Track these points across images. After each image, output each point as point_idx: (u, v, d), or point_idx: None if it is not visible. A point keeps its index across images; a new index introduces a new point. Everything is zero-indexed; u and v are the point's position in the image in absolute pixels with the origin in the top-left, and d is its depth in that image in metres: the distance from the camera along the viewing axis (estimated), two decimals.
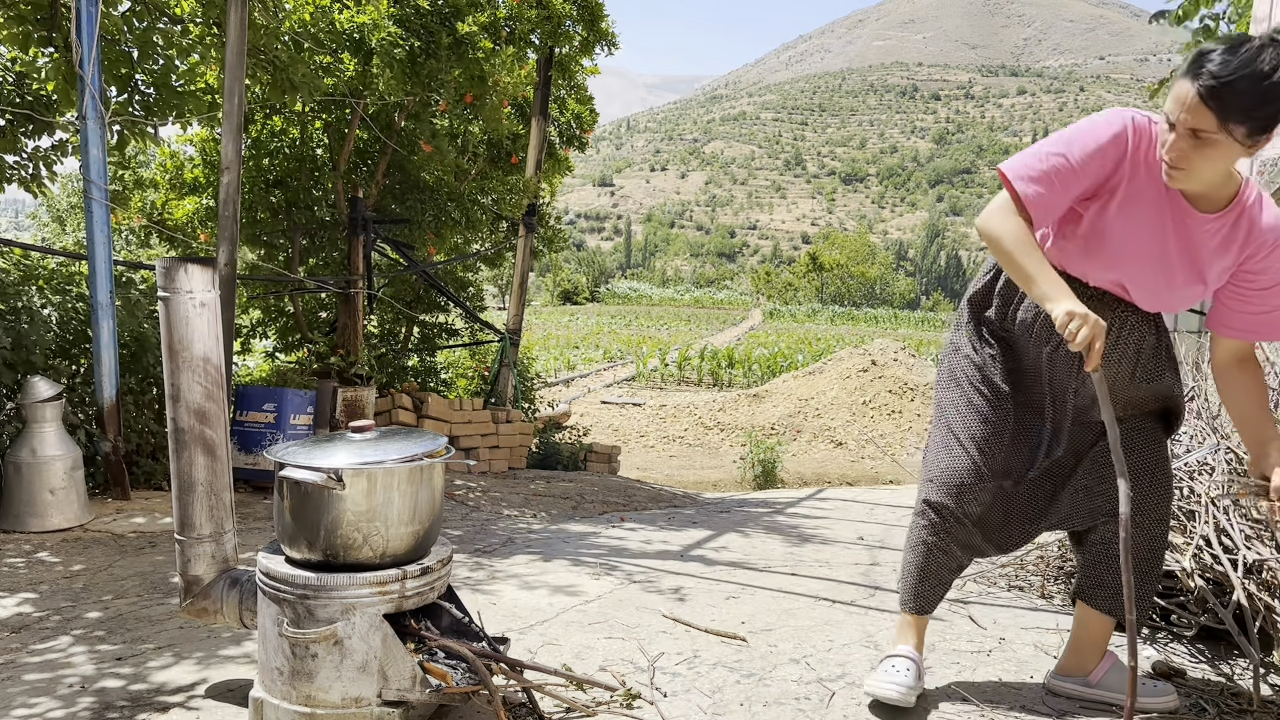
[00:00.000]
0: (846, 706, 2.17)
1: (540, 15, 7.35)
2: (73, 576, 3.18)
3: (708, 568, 3.41)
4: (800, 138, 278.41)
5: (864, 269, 79.95)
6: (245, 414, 5.35)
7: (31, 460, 3.82)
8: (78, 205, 16.50)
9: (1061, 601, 2.99)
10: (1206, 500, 2.64)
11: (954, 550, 2.18)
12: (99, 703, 2.11)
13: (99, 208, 4.31)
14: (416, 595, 1.95)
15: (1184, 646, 2.60)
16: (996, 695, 2.25)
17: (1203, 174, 1.81)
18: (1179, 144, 1.77)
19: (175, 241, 6.86)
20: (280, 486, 1.94)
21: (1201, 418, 3.20)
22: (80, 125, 4.28)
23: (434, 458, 1.99)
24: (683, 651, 2.49)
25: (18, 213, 32.21)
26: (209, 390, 2.05)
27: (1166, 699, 2.13)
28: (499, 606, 2.85)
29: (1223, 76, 1.68)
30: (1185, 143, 1.76)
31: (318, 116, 6.79)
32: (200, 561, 2.11)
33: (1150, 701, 2.11)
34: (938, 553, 2.17)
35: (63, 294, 4.77)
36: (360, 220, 6.75)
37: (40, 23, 4.60)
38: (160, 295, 2.02)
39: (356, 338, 6.96)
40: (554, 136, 9.09)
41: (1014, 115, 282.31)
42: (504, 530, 4.32)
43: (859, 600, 3.02)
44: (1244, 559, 2.41)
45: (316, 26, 5.71)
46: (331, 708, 1.88)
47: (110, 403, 4.39)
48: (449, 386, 9.52)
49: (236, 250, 4.55)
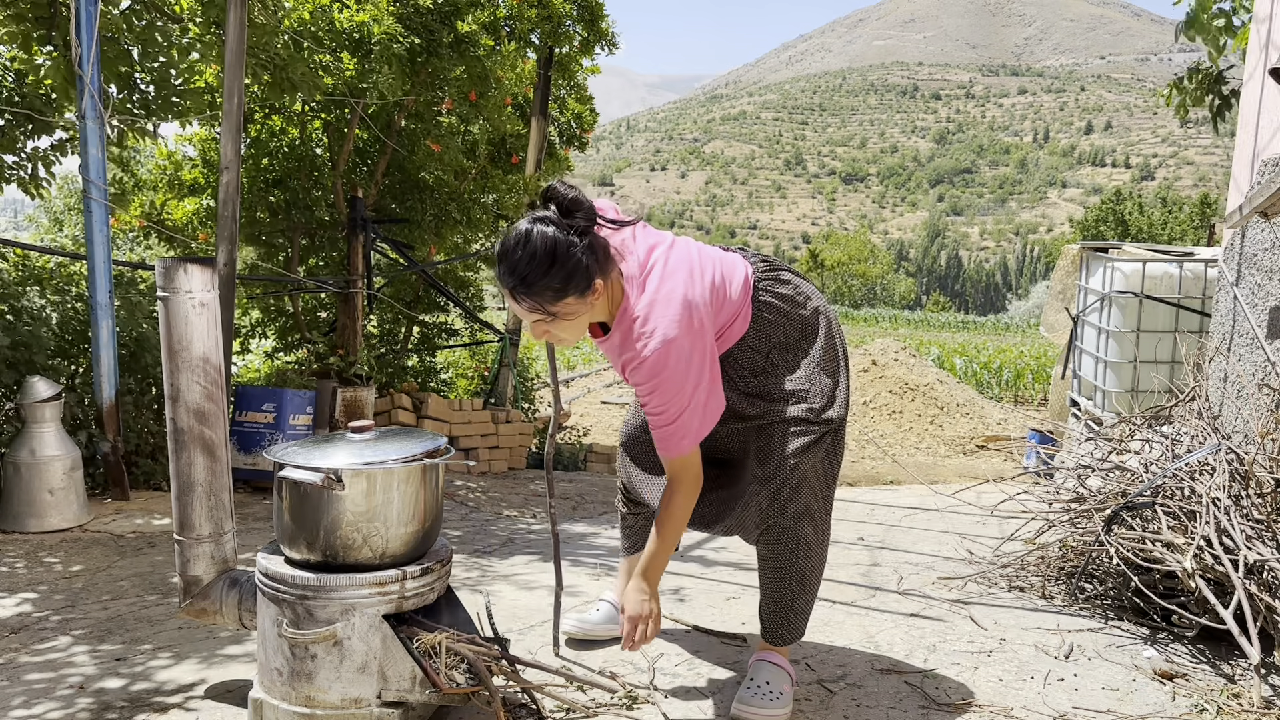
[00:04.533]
0: (847, 707, 2.16)
1: (540, 15, 7.35)
2: (72, 577, 3.17)
3: (707, 568, 3.41)
4: (800, 137, 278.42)
5: (864, 269, 79.94)
6: (245, 414, 5.35)
7: (31, 460, 3.82)
8: (74, 207, 16.48)
9: (1062, 602, 2.99)
10: (1207, 500, 2.63)
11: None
12: (98, 703, 2.11)
13: (98, 208, 4.31)
14: (416, 596, 1.95)
15: (1184, 647, 2.60)
16: (997, 695, 2.25)
17: (567, 336, 1.93)
18: (536, 329, 1.93)
19: (175, 241, 6.86)
20: (279, 487, 1.94)
21: (1202, 418, 3.20)
22: (80, 125, 4.28)
23: (434, 458, 1.98)
24: (683, 651, 2.48)
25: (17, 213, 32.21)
26: (208, 390, 2.05)
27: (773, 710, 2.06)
28: (499, 607, 2.85)
29: (515, 275, 1.82)
30: (543, 326, 1.91)
31: (317, 116, 6.79)
32: (199, 562, 2.11)
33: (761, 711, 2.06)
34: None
35: (62, 294, 4.77)
36: (360, 220, 6.74)
37: (40, 22, 4.59)
38: (160, 295, 2.02)
39: (356, 338, 6.95)
40: (554, 136, 9.09)
41: (1014, 115, 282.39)
42: (504, 530, 4.32)
43: (859, 600, 3.02)
44: (1245, 559, 2.41)
45: (316, 25, 5.70)
46: (331, 708, 1.87)
47: (110, 403, 4.38)
48: (449, 387, 9.52)
49: (236, 250, 4.54)
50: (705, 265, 1.99)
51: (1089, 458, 3.47)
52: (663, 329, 1.86)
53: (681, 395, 1.89)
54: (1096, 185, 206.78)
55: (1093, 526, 2.99)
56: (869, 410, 13.67)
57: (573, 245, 1.82)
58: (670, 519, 2.00)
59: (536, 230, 1.82)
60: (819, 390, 2.08)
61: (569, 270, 1.81)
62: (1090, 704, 2.21)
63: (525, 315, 1.89)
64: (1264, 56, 3.85)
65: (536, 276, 1.81)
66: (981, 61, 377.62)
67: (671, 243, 2.01)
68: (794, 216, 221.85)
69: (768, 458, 2.05)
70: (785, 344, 2.10)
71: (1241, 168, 3.92)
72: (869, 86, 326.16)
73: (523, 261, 1.81)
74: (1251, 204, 3.37)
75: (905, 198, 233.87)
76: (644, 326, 1.88)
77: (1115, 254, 6.28)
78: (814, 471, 2.05)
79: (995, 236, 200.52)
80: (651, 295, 1.90)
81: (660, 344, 1.86)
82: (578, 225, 1.84)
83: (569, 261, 1.81)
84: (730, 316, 2.03)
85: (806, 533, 2.07)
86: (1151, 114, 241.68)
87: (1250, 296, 3.58)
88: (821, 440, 2.06)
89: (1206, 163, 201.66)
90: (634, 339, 1.89)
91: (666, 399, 1.89)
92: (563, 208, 1.85)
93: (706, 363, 1.92)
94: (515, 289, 1.84)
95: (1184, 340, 4.86)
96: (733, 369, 2.08)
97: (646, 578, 2.02)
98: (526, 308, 1.86)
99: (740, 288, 2.04)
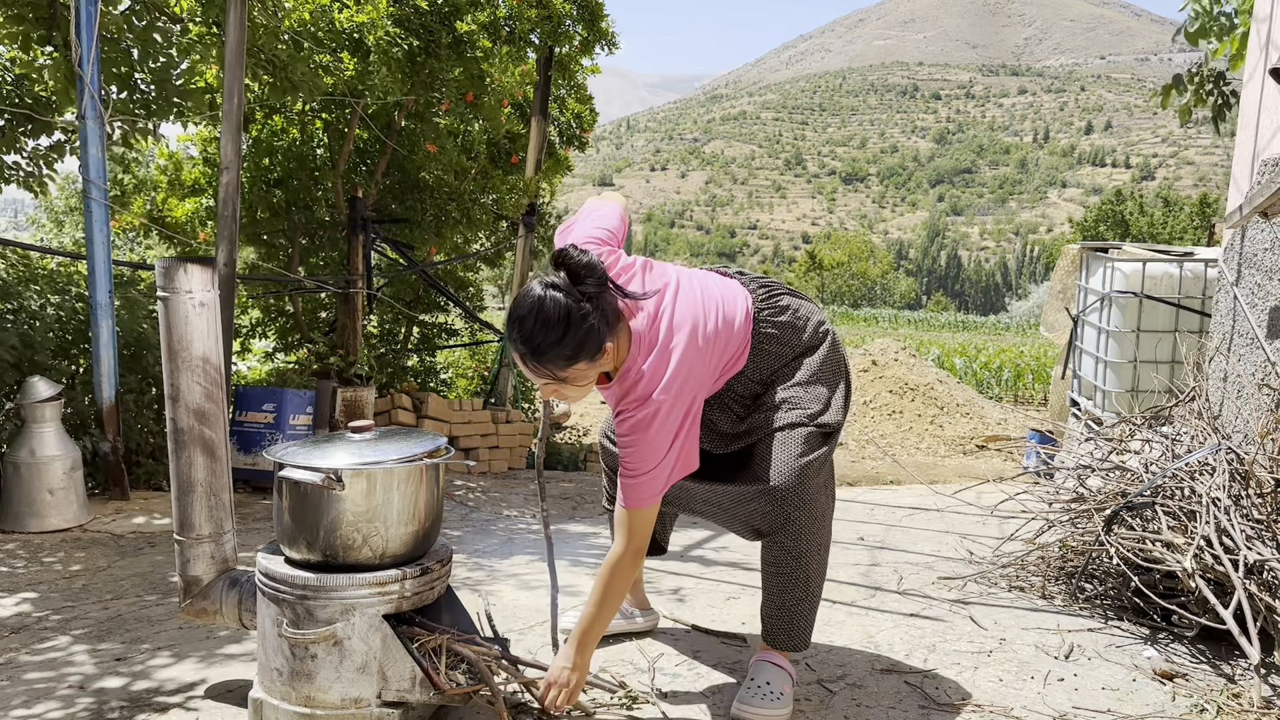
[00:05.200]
0: (847, 707, 2.16)
1: (540, 15, 7.35)
2: (72, 577, 3.17)
3: (707, 568, 3.41)
4: (800, 137, 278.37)
5: (864, 268, 79.92)
6: (244, 414, 5.35)
7: (30, 460, 3.82)
8: (75, 207, 16.48)
9: (1062, 602, 2.99)
10: (1207, 500, 2.63)
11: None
12: (98, 703, 2.11)
13: (98, 208, 4.31)
14: (416, 596, 1.95)
15: (1184, 647, 2.60)
16: (997, 695, 2.25)
17: (574, 396, 1.97)
18: (548, 389, 1.96)
19: (175, 241, 6.86)
20: (279, 487, 1.94)
21: (1202, 418, 3.20)
22: (80, 125, 4.28)
23: (434, 458, 1.99)
24: (683, 652, 2.48)
25: (17, 213, 32.19)
26: (208, 390, 2.05)
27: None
28: (499, 607, 2.85)
29: (529, 344, 1.84)
30: (552, 387, 1.95)
31: (318, 116, 6.78)
32: (199, 562, 2.11)
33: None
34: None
35: (63, 294, 4.76)
36: (360, 220, 6.74)
37: (40, 22, 4.59)
38: (160, 295, 2.02)
39: (356, 338, 6.95)
40: (554, 136, 9.08)
41: (1014, 115, 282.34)
42: (504, 530, 4.32)
43: (859, 600, 3.02)
44: (1245, 559, 2.41)
45: (316, 26, 5.70)
46: (331, 708, 1.88)
47: (110, 403, 4.38)
48: (449, 386, 9.52)
49: (236, 250, 4.54)
50: (709, 310, 2.02)
51: (1089, 458, 3.46)
52: (657, 394, 1.92)
53: (655, 456, 1.94)
54: (1096, 185, 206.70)
55: (1093, 526, 2.99)
56: (869, 410, 13.65)
57: (585, 314, 1.84)
58: (611, 584, 2.00)
59: (549, 297, 1.83)
60: (814, 397, 2.10)
61: (580, 339, 1.84)
62: (1090, 704, 2.21)
63: (534, 379, 1.93)
64: (1264, 56, 3.85)
65: (549, 345, 1.83)
66: (981, 61, 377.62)
67: (676, 289, 2.02)
68: (794, 216, 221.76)
69: (766, 465, 2.06)
70: (783, 368, 2.14)
71: (1241, 168, 3.92)
72: (869, 86, 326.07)
73: (537, 331, 1.83)
74: (1251, 204, 3.37)
75: (905, 198, 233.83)
76: (642, 389, 1.93)
77: (1115, 254, 6.28)
78: (812, 477, 2.06)
79: (995, 236, 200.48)
80: (655, 360, 1.94)
81: (652, 410, 1.92)
82: (589, 291, 1.86)
83: (581, 329, 1.83)
84: (733, 355, 2.07)
85: (807, 540, 2.07)
86: (1151, 114, 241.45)
87: (1250, 296, 3.58)
88: (818, 447, 2.07)
89: (1206, 163, 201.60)
90: (631, 397, 1.94)
91: (642, 456, 1.95)
92: (574, 274, 1.86)
93: (686, 427, 1.97)
94: (525, 356, 1.87)
95: (1184, 340, 4.86)
96: (730, 399, 2.13)
97: (581, 645, 1.99)
98: (537, 374, 1.90)
99: (742, 323, 2.08)
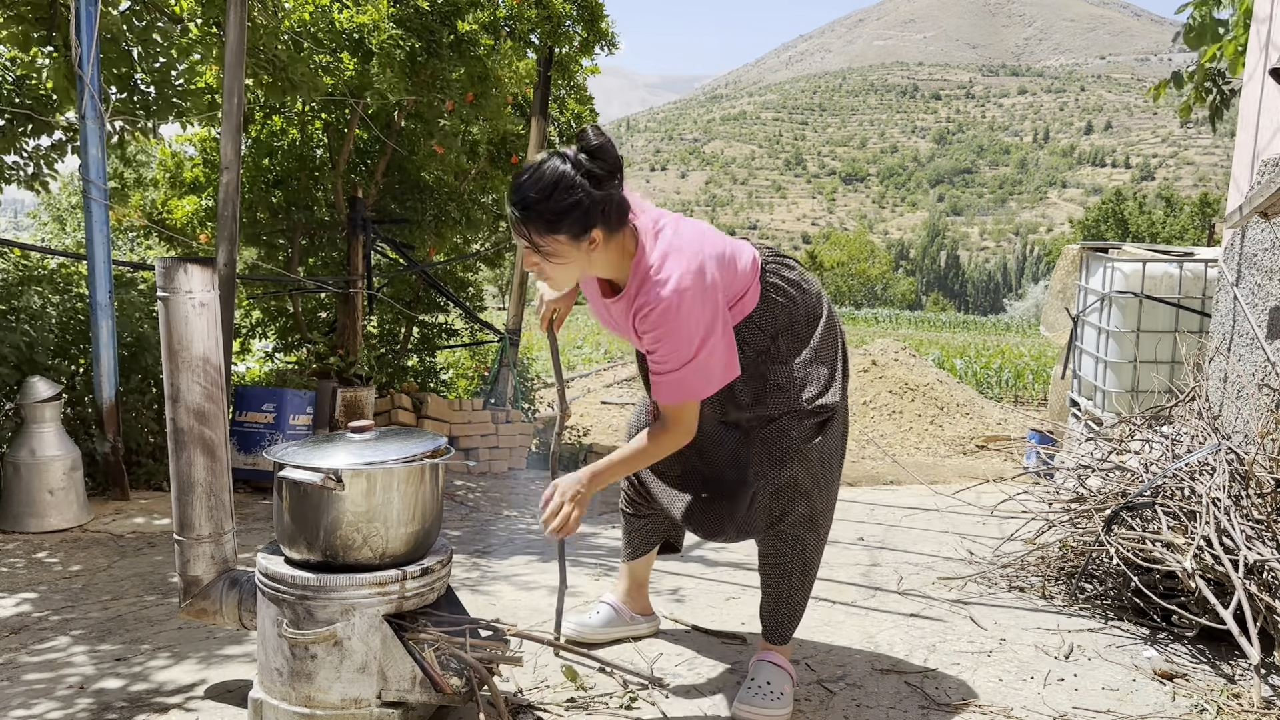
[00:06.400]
0: (846, 707, 2.16)
1: (540, 15, 7.35)
2: (72, 577, 3.17)
3: (708, 568, 3.41)
4: (800, 137, 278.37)
5: (864, 269, 79.90)
6: (244, 414, 5.35)
7: (30, 460, 3.82)
8: (78, 205, 16.50)
9: (1062, 602, 2.99)
10: (1207, 501, 2.63)
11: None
12: (97, 703, 2.11)
13: (98, 208, 4.31)
14: (416, 596, 1.95)
15: (1184, 647, 2.60)
16: (997, 695, 2.25)
17: (556, 277, 1.94)
18: (529, 259, 1.93)
19: (175, 241, 6.86)
20: (279, 487, 1.94)
21: (1202, 418, 3.20)
22: (80, 125, 4.27)
23: (434, 458, 1.98)
24: (683, 652, 2.48)
25: (17, 213, 32.18)
26: (208, 390, 2.05)
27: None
28: (499, 607, 2.85)
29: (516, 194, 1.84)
30: (533, 258, 1.91)
31: (317, 116, 6.79)
32: (199, 562, 2.11)
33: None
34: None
35: (63, 294, 4.76)
36: (360, 220, 6.74)
37: (40, 22, 4.59)
38: (160, 295, 2.02)
39: (356, 338, 6.95)
40: (554, 136, 9.08)
41: (1014, 115, 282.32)
42: (504, 531, 4.32)
43: (859, 600, 3.02)
44: (1245, 559, 2.41)
45: (316, 26, 5.71)
46: (331, 708, 1.87)
47: (110, 403, 4.38)
48: (449, 387, 9.53)
49: (236, 250, 4.54)
50: (713, 235, 2.02)
51: (1089, 458, 3.46)
52: (676, 276, 1.87)
53: (689, 346, 1.89)
54: (1096, 185, 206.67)
55: (1093, 526, 2.99)
56: (869, 410, 13.65)
57: (577, 186, 1.82)
58: (648, 448, 2.00)
59: (551, 162, 1.83)
60: (815, 378, 2.08)
61: (564, 208, 1.82)
62: (1090, 704, 2.21)
63: (518, 240, 1.91)
64: (1264, 56, 3.85)
65: (532, 203, 1.83)
66: (981, 61, 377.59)
67: (678, 215, 2.04)
68: (794, 217, 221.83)
69: (768, 455, 2.05)
70: (790, 328, 2.10)
71: (1241, 168, 3.92)
72: (869, 87, 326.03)
73: (528, 185, 1.84)
74: (1251, 204, 3.37)
75: (905, 198, 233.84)
76: (658, 274, 1.89)
77: (1115, 254, 6.28)
78: (816, 463, 2.05)
79: (995, 236, 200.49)
80: (665, 247, 1.91)
81: (673, 291, 1.86)
82: (592, 171, 1.83)
83: (567, 199, 1.81)
84: (740, 289, 2.03)
85: (808, 529, 2.07)
86: (1151, 114, 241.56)
87: (1250, 296, 3.58)
88: (820, 430, 2.06)
89: (1206, 163, 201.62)
90: (647, 285, 1.90)
91: (673, 348, 1.89)
92: (590, 153, 1.84)
93: (718, 322, 1.92)
94: (514, 213, 1.86)
95: (1184, 340, 4.86)
96: (740, 349, 2.08)
97: (592, 479, 1.98)
98: (518, 233, 1.88)
99: (749, 265, 2.05)
